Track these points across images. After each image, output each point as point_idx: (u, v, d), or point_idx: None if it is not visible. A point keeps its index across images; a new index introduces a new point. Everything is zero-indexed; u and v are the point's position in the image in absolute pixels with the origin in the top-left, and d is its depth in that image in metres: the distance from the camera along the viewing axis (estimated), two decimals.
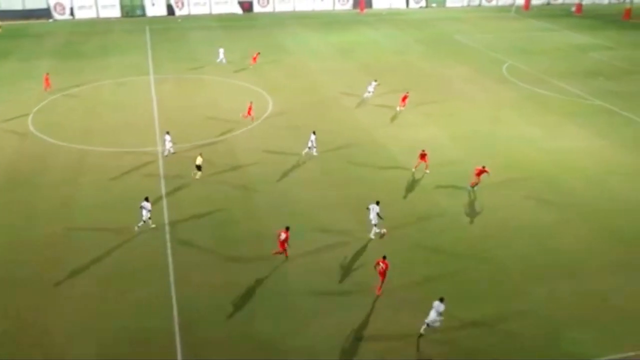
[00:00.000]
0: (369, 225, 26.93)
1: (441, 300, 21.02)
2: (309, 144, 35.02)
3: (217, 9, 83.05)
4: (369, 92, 45.77)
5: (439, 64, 56.60)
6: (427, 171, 32.91)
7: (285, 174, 33.19)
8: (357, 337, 21.07)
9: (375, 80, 46.55)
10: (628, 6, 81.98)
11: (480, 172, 31.15)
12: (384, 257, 23.21)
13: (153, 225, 27.42)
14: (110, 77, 51.49)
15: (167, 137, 34.99)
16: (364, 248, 26.25)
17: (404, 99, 43.08)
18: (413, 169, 33.35)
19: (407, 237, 27.19)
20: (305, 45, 63.96)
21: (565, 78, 52.15)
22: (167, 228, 27.58)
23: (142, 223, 27.03)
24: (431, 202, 30.24)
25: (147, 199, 27.14)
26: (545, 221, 28.73)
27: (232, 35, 68.77)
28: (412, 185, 32.05)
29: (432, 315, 20.88)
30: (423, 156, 32.88)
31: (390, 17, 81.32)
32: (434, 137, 38.43)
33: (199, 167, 32.36)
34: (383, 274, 22.98)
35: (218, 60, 55.29)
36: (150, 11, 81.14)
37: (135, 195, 30.37)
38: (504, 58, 58.93)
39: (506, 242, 26.98)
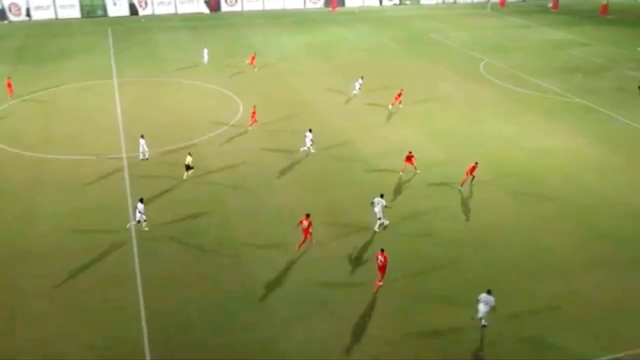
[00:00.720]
0: (373, 219, 27.83)
1: (489, 292, 21.61)
2: (307, 142, 35.87)
3: (183, 9, 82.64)
4: (356, 89, 46.78)
5: (415, 63, 57.17)
6: (418, 172, 33.20)
7: (258, 180, 33.13)
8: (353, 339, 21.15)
9: (362, 77, 47.44)
10: (604, 2, 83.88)
11: (472, 169, 31.97)
12: (382, 250, 23.73)
13: (146, 229, 27.61)
14: (71, 81, 50.82)
15: (142, 141, 35.04)
16: (337, 257, 26.35)
17: (398, 96, 43.81)
18: (400, 172, 33.61)
19: (388, 240, 27.37)
20: (276, 46, 64.01)
21: (542, 75, 53.12)
22: (134, 240, 27.27)
23: (135, 222, 27.61)
24: (411, 206, 30.46)
25: (141, 200, 27.53)
26: (525, 221, 29.20)
27: (200, 35, 68.49)
28: (399, 188, 32.23)
29: (482, 309, 21.49)
30: (409, 158, 33.25)
31: (363, 15, 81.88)
32: (412, 139, 38.75)
33: (188, 167, 32.74)
34: (383, 267, 23.49)
35: (203, 60, 55.51)
36: (112, 11, 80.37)
37: (99, 205, 30.05)
38: (480, 56, 59.78)
39: (488, 243, 27.33)
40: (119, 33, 69.69)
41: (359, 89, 46.72)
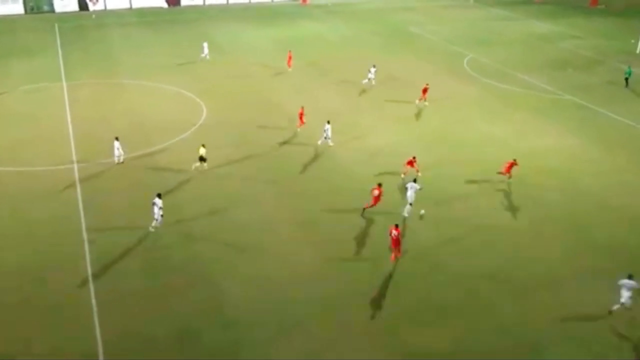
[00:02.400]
0: (403, 205, 30.12)
1: (630, 277, 23.14)
2: (324, 134, 37.51)
3: (138, 3, 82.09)
4: (370, 78, 48.88)
5: (395, 60, 57.53)
6: (419, 174, 33.37)
7: (226, 187, 32.93)
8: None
9: (374, 66, 49.28)
10: None
11: (511, 166, 33.28)
12: (397, 226, 26.28)
13: (152, 230, 28.51)
14: (14, 84, 49.95)
15: (117, 144, 35.32)
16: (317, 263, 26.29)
17: (424, 91, 44.69)
18: (402, 176, 33.93)
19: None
20: (242, 43, 63.88)
21: (531, 71, 53.91)
22: (88, 260, 26.84)
23: (155, 222, 28.48)
24: (397, 214, 30.57)
25: (159, 196, 28.45)
26: (516, 228, 29.53)
27: (157, 32, 68.04)
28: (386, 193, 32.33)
29: (625, 295, 22.89)
30: (411, 162, 33.66)
31: (337, 8, 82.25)
32: (394, 142, 38.93)
33: (202, 159, 34.25)
34: (396, 241, 26.06)
35: (203, 55, 56.07)
36: (59, 6, 79.43)
37: (49, 219, 29.49)
38: (464, 51, 60.44)
39: (476, 252, 27.54)
40: (67, 30, 68.83)
41: (373, 77, 49.22)
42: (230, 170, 35.14)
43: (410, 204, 29.96)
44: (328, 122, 37.70)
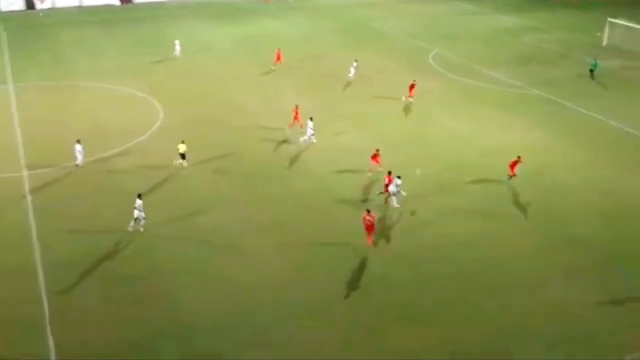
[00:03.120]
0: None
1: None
2: (308, 131, 37.95)
3: (89, 1, 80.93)
4: (352, 73, 49.88)
5: (357, 57, 57.63)
6: (381, 169, 33.72)
7: (187, 196, 32.69)
8: None
9: (356, 61, 50.85)
10: None
11: (515, 164, 33.66)
12: (368, 211, 27.71)
13: (141, 229, 28.84)
14: None
15: (78, 147, 35.01)
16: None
17: (411, 87, 45.56)
18: (368, 173, 34.22)
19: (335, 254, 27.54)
20: (200, 41, 63.48)
21: (496, 65, 54.74)
22: (40, 271, 26.38)
23: (133, 222, 28.75)
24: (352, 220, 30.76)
25: (139, 196, 28.74)
26: (490, 226, 29.93)
27: (110, 31, 67.14)
28: (330, 207, 32.48)
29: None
30: (375, 157, 34.25)
31: (298, 4, 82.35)
32: (356, 141, 39.12)
33: (183, 156, 34.95)
34: (371, 226, 27.54)
35: (175, 52, 56.53)
36: (4, 5, 77.85)
37: None
38: (428, 46, 61.05)
39: (450, 252, 27.86)
40: (13, 30, 67.44)
41: (355, 73, 50.04)
42: (192, 173, 34.89)
43: (394, 195, 31.05)
44: (311, 119, 38.13)
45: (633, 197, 32.80)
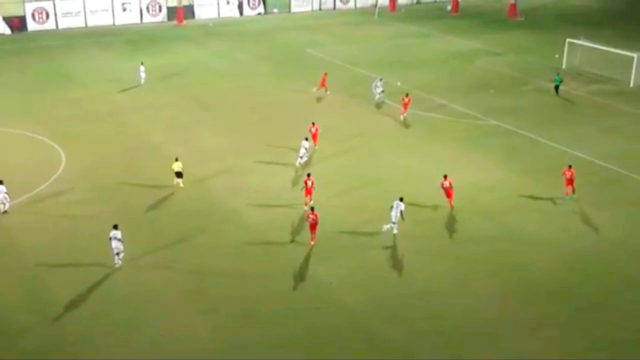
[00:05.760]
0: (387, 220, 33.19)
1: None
2: (301, 153, 40.87)
3: None
4: (380, 92, 54.11)
5: (291, 89, 58.42)
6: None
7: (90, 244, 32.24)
8: None
9: (381, 79, 54.67)
10: (512, 0, 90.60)
11: (570, 177, 37.26)
12: (312, 209, 32.35)
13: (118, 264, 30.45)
14: None
15: (2, 188, 35.96)
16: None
17: (406, 105, 49.73)
18: (304, 206, 35.70)
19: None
20: (105, 73, 63.11)
21: (450, 94, 56.18)
22: None
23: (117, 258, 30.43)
24: (301, 274, 30.83)
25: (115, 227, 30.43)
26: (432, 280, 30.43)
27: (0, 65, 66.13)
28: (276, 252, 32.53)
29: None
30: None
31: (220, 29, 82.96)
32: (292, 186, 39.42)
33: (179, 174, 38.01)
34: (314, 225, 31.86)
35: (140, 80, 58.11)
36: None
37: None
38: (372, 74, 62.14)
39: (400, 308, 28.21)
40: None
41: (383, 89, 53.91)
42: (105, 227, 34.34)
43: (393, 223, 32.95)
44: (306, 139, 41.74)
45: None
